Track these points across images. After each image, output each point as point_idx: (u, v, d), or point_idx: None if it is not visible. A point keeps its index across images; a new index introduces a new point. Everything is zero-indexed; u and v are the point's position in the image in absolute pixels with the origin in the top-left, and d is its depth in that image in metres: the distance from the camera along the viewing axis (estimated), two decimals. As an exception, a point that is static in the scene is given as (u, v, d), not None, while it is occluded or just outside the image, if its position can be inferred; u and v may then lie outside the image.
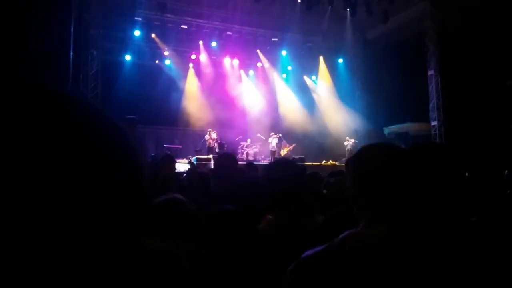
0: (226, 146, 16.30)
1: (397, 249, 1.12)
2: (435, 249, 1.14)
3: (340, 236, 1.19)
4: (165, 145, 16.01)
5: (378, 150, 1.33)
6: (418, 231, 1.16)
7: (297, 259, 1.20)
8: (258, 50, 19.14)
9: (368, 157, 1.31)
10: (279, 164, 2.50)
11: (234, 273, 1.50)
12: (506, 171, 3.80)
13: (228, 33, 17.99)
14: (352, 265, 1.11)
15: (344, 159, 15.45)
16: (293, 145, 17.39)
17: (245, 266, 1.52)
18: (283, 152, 16.93)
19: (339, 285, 1.11)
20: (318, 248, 1.20)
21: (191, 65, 18.76)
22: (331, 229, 1.83)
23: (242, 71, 19.78)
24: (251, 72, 20.11)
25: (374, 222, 1.19)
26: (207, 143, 15.88)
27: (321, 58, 20.34)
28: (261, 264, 1.75)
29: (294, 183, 2.27)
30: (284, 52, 19.58)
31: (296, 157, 15.82)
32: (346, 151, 17.28)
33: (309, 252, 1.20)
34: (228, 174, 2.98)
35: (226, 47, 18.40)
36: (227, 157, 3.28)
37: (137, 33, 16.66)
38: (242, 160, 14.85)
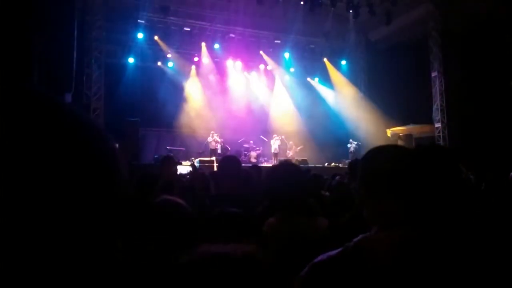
0: (229, 148, 16.32)
1: (413, 253, 1.11)
2: (451, 253, 1.13)
3: (354, 240, 1.18)
4: (168, 147, 16.04)
5: (387, 152, 1.31)
6: (433, 235, 1.15)
7: (310, 263, 1.19)
8: (261, 52, 19.14)
9: (378, 160, 1.29)
10: (281, 167, 2.48)
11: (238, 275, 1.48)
12: (511, 173, 3.77)
13: (231, 35, 18.02)
14: (368, 269, 1.10)
15: (347, 161, 15.43)
16: (300, 146, 17.40)
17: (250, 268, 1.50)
18: (289, 153, 16.95)
19: None
20: (332, 252, 1.19)
21: (194, 67, 18.80)
22: (339, 233, 1.81)
23: (245, 73, 19.80)
24: (254, 74, 20.11)
25: (388, 226, 1.18)
26: (210, 145, 15.89)
27: (325, 60, 20.32)
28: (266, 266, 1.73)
29: (295, 186, 2.26)
30: (287, 54, 19.58)
31: (299, 159, 15.82)
32: (349, 153, 17.26)
33: (323, 256, 1.19)
34: (232, 176, 2.96)
35: (229, 49, 18.42)
36: (230, 159, 3.26)
37: (140, 35, 16.70)
38: (245, 162, 14.86)
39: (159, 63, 18.06)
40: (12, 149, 0.40)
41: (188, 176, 6.08)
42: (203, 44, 18.06)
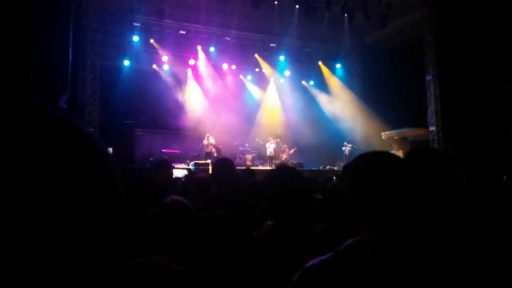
0: (221, 147, 16.31)
1: (402, 255, 1.13)
2: (440, 255, 1.15)
3: (344, 244, 1.19)
4: (163, 150, 16.01)
5: (375, 159, 1.33)
6: (421, 237, 1.17)
7: (301, 267, 1.20)
8: (256, 55, 19.17)
9: (366, 166, 1.31)
10: (279, 171, 2.49)
11: (230, 279, 1.49)
12: (504, 177, 3.79)
13: (226, 38, 18.03)
14: (358, 273, 1.11)
15: (342, 164, 15.45)
16: (294, 149, 17.38)
17: (241, 271, 1.50)
18: (283, 156, 16.93)
19: None
20: (323, 257, 1.20)
21: (189, 70, 18.78)
22: (332, 236, 1.82)
23: (240, 76, 19.81)
24: (249, 77, 20.13)
25: (376, 229, 1.20)
26: (205, 148, 15.86)
27: (320, 63, 20.38)
28: (259, 270, 1.73)
29: (293, 189, 2.26)
30: (282, 57, 19.62)
31: (294, 162, 15.82)
32: (343, 156, 17.29)
33: (314, 260, 1.21)
34: (227, 179, 2.96)
35: (224, 52, 18.43)
36: (224, 162, 3.26)
37: (135, 38, 16.69)
38: (240, 165, 14.84)
39: (154, 66, 18.03)
40: (8, 156, 0.41)
41: (183, 180, 6.06)
42: (199, 47, 18.07)
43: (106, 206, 0.49)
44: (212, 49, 18.16)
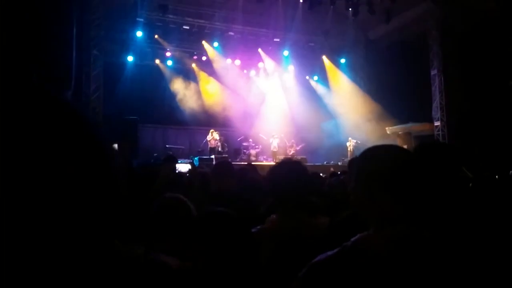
0: (226, 144, 16.32)
1: (410, 251, 1.12)
2: (448, 250, 1.14)
3: (352, 239, 1.18)
4: (167, 146, 16.04)
5: (384, 152, 1.31)
6: (431, 233, 1.15)
7: (308, 263, 1.19)
8: (260, 50, 19.12)
9: (374, 159, 1.29)
10: (283, 165, 2.48)
11: (228, 276, 1.48)
12: (511, 172, 3.77)
13: (230, 33, 17.98)
14: (366, 268, 1.10)
15: (346, 160, 15.42)
16: (302, 144, 17.36)
17: (240, 268, 1.49)
18: (291, 151, 16.94)
19: None
20: (330, 252, 1.19)
21: (193, 65, 18.79)
22: (337, 232, 1.81)
23: (244, 71, 19.78)
24: (253, 72, 20.10)
25: (384, 224, 1.18)
26: (209, 144, 15.89)
27: (324, 57, 20.31)
28: (261, 265, 1.72)
29: (297, 183, 2.25)
30: (286, 52, 19.55)
31: (299, 157, 15.81)
32: (348, 152, 17.26)
33: (321, 256, 1.19)
34: (227, 175, 2.97)
35: (228, 47, 18.39)
36: (222, 165, 3.29)
37: (139, 34, 16.68)
38: (244, 160, 14.85)
39: (157, 62, 18.04)
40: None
41: (188, 175, 6.07)
42: (203, 43, 18.03)
43: (106, 194, 0.47)
44: (215, 44, 18.12)
